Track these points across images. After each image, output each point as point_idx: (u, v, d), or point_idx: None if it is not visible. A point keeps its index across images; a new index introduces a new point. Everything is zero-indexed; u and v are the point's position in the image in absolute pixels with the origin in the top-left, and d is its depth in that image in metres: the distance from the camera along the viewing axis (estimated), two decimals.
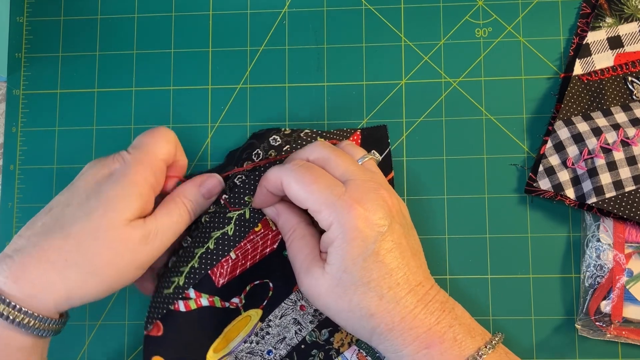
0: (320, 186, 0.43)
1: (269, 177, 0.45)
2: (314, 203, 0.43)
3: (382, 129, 0.53)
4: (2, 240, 0.55)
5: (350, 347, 0.51)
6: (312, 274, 0.44)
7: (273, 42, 0.56)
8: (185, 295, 0.47)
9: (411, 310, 0.42)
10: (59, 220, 0.42)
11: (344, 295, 0.42)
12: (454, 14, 0.56)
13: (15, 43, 0.57)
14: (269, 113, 0.55)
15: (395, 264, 0.42)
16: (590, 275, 0.51)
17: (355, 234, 0.42)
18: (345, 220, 0.42)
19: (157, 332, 0.48)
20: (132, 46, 0.57)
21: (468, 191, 0.54)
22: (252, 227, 0.49)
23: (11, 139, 0.56)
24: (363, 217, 0.42)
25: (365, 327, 0.43)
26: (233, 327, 0.50)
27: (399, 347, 0.42)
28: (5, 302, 0.40)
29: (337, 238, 0.42)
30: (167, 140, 0.47)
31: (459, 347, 0.42)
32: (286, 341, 0.51)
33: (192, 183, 0.48)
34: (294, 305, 0.51)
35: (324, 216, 0.43)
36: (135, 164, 0.45)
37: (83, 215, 0.42)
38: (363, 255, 0.42)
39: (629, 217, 0.50)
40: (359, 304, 0.42)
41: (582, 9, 0.55)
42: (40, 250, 0.41)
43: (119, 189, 0.43)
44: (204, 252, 0.48)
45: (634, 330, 0.50)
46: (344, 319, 0.44)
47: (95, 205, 0.43)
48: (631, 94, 0.53)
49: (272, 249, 0.51)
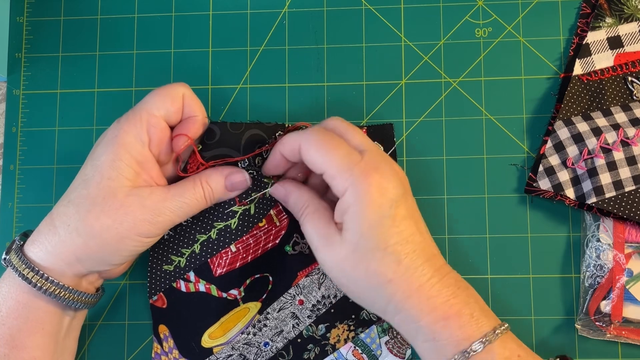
0: (339, 152, 0.43)
1: (285, 141, 0.45)
2: (331, 167, 0.43)
3: (388, 128, 0.53)
4: (2, 240, 0.55)
5: (346, 344, 0.51)
6: (330, 243, 0.43)
7: (273, 42, 0.56)
8: (186, 277, 0.49)
9: (428, 279, 0.43)
10: (68, 188, 0.45)
11: (361, 261, 0.42)
12: (454, 14, 0.56)
13: (15, 43, 0.57)
14: (269, 113, 0.55)
15: (410, 231, 0.43)
16: (590, 275, 0.51)
17: (372, 199, 0.42)
18: (362, 186, 0.42)
19: (162, 304, 0.50)
20: (132, 46, 0.57)
21: (468, 191, 0.54)
22: (256, 223, 0.50)
23: (11, 139, 0.56)
24: (379, 183, 0.42)
25: (382, 295, 0.43)
26: (231, 318, 0.51)
27: (416, 317, 0.42)
28: (30, 267, 0.43)
29: (354, 203, 0.42)
30: (167, 95, 0.45)
31: (476, 323, 0.42)
32: (283, 334, 0.51)
33: (219, 171, 0.47)
34: (292, 299, 0.51)
35: (340, 181, 0.43)
36: (126, 123, 0.44)
37: (82, 182, 0.44)
38: (380, 220, 0.42)
39: (629, 217, 0.50)
40: (377, 270, 0.42)
41: (582, 9, 0.55)
42: (49, 217, 0.45)
43: (110, 152, 0.44)
44: (206, 240, 0.49)
45: (634, 330, 0.50)
46: (360, 288, 0.43)
47: (90, 173, 0.44)
48: (631, 94, 0.53)
49: (274, 244, 0.51)
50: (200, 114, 0.46)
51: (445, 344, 0.42)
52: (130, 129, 0.44)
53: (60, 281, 0.44)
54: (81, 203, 0.43)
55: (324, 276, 0.52)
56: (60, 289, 0.44)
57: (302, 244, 0.52)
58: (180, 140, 0.46)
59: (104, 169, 0.43)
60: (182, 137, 0.46)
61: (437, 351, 0.42)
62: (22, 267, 0.43)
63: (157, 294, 0.50)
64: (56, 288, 0.44)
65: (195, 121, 0.46)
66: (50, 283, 0.43)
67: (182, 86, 0.46)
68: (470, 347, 0.41)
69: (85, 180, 0.44)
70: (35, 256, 0.44)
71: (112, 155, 0.43)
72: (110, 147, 0.44)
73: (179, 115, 0.46)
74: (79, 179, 0.45)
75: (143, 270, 0.53)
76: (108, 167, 0.43)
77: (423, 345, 0.43)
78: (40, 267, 0.43)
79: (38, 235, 0.44)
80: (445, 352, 0.42)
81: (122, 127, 0.44)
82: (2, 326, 0.43)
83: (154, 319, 0.51)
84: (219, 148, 0.47)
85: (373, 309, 0.45)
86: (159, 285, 0.50)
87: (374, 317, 0.52)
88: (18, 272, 0.43)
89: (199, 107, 0.47)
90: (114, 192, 0.43)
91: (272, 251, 0.51)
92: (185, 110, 0.46)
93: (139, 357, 0.53)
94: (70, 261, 0.44)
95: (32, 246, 0.44)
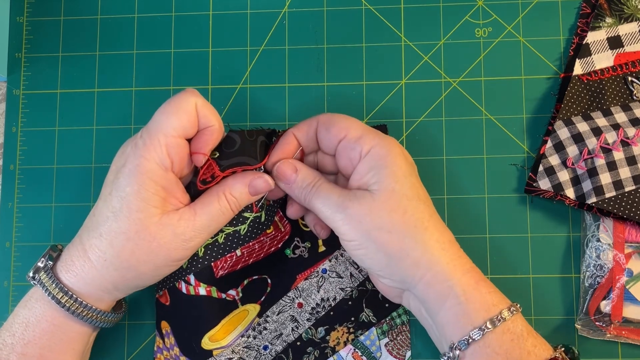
0: (358, 121, 0.47)
1: (300, 124, 0.48)
2: (357, 129, 0.45)
3: (381, 129, 0.53)
4: (2, 240, 0.55)
5: (345, 347, 0.51)
6: (357, 198, 0.44)
7: (273, 42, 0.56)
8: (187, 279, 0.49)
9: (454, 241, 0.45)
10: (95, 217, 0.44)
11: (399, 206, 0.43)
12: (454, 14, 0.56)
13: (15, 43, 0.57)
14: (269, 113, 0.55)
15: (427, 195, 0.46)
16: (590, 275, 0.51)
17: (400, 152, 0.45)
18: (390, 141, 0.45)
19: (165, 301, 0.50)
20: (132, 46, 0.57)
21: (468, 191, 0.54)
22: (264, 230, 0.49)
23: (11, 139, 0.56)
24: (400, 146, 0.46)
25: (419, 242, 0.43)
26: (230, 320, 0.51)
27: (450, 274, 0.43)
28: (68, 294, 0.43)
29: (387, 154, 0.44)
30: (180, 111, 0.43)
31: (499, 293, 0.43)
32: (282, 337, 0.51)
33: (241, 180, 0.45)
34: (291, 302, 0.51)
35: (368, 139, 0.45)
36: (145, 149, 0.43)
37: (111, 215, 0.43)
38: (410, 170, 0.45)
39: (629, 217, 0.50)
40: (414, 214, 0.43)
41: (582, 9, 0.55)
42: (82, 247, 0.44)
43: (134, 183, 0.42)
44: (211, 244, 0.48)
45: (634, 330, 0.50)
46: (396, 236, 0.43)
47: (118, 206, 0.43)
48: (631, 94, 0.53)
49: (276, 248, 0.51)
50: (216, 122, 0.45)
51: (477, 308, 0.42)
52: (151, 156, 0.42)
53: (97, 307, 0.45)
54: (114, 238, 0.43)
55: (323, 279, 0.52)
56: (97, 314, 0.45)
57: (302, 248, 0.52)
58: (199, 158, 0.45)
59: (132, 202, 0.42)
60: (200, 156, 0.45)
61: (467, 316, 0.42)
62: (57, 293, 0.43)
63: (162, 289, 0.50)
64: (93, 314, 0.44)
65: (213, 131, 0.45)
66: (88, 310, 0.44)
67: (193, 95, 0.44)
68: (500, 313, 0.42)
69: (114, 212, 0.43)
70: (70, 283, 0.44)
71: (136, 187, 0.42)
72: (134, 177, 0.42)
73: (195, 127, 0.44)
74: (107, 210, 0.43)
75: None
76: (135, 199, 0.42)
77: (452, 310, 0.42)
78: (76, 294, 0.44)
79: (72, 265, 0.44)
80: (476, 317, 0.42)
81: (142, 155, 0.43)
82: (34, 346, 0.44)
83: (158, 313, 0.51)
84: (237, 157, 0.46)
85: (404, 265, 0.43)
86: (165, 281, 0.50)
87: (373, 320, 0.52)
88: (52, 296, 0.43)
89: (214, 115, 0.45)
90: (145, 225, 0.42)
91: (273, 254, 0.51)
92: (200, 121, 0.44)
93: (139, 356, 0.53)
94: (109, 290, 0.44)
95: (67, 274, 0.44)
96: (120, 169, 0.43)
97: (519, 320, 0.43)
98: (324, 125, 0.46)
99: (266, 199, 0.49)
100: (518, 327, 0.42)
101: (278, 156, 0.47)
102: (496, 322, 0.41)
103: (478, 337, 0.41)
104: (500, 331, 0.41)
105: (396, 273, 0.44)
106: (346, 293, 0.52)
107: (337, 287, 0.52)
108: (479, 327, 0.41)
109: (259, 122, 0.55)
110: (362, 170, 0.45)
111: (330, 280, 0.52)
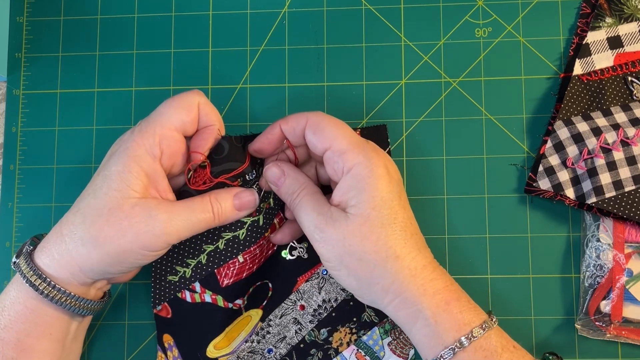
0: (347, 129, 0.45)
1: (290, 117, 0.46)
2: (342, 142, 0.44)
3: (381, 129, 0.53)
4: (2, 240, 0.55)
5: (349, 347, 0.51)
6: (334, 220, 0.43)
7: (273, 42, 0.56)
8: (192, 288, 0.49)
9: (430, 261, 0.44)
10: (79, 196, 0.45)
11: (371, 234, 0.42)
12: (454, 14, 0.56)
13: (15, 43, 0.57)
14: (269, 113, 0.55)
15: (411, 215, 0.44)
16: (590, 275, 0.51)
17: (384, 172, 0.43)
18: (374, 160, 0.43)
19: (166, 314, 0.50)
20: (132, 46, 0.57)
21: (468, 191, 0.54)
22: (263, 233, 0.49)
23: (11, 139, 0.56)
24: (387, 161, 0.44)
25: (388, 272, 0.42)
26: (234, 327, 0.51)
27: (418, 298, 0.42)
28: (41, 277, 0.43)
29: (368, 176, 0.43)
30: (181, 106, 0.45)
31: (474, 310, 0.43)
32: (286, 340, 0.51)
33: (228, 191, 0.46)
34: (293, 305, 0.51)
35: (351, 156, 0.43)
36: (139, 136, 0.44)
37: (91, 192, 0.44)
38: (390, 195, 0.43)
39: (629, 217, 0.50)
40: (386, 242, 0.42)
41: (582, 9, 0.55)
42: (59, 225, 0.45)
43: (120, 164, 0.43)
44: (213, 251, 0.48)
45: (634, 330, 0.50)
46: (365, 264, 0.43)
47: (99, 183, 0.44)
48: (631, 94, 0.53)
49: (272, 250, 0.51)
50: (217, 122, 0.46)
51: (447, 328, 0.42)
52: (142, 142, 0.44)
53: (67, 289, 0.44)
54: (88, 213, 0.43)
55: (324, 280, 0.51)
56: (67, 297, 0.44)
57: (299, 249, 0.52)
58: (196, 157, 0.46)
59: (113, 180, 0.43)
60: (197, 155, 0.45)
61: (437, 337, 0.42)
62: (30, 274, 0.43)
63: (161, 304, 0.50)
64: (63, 296, 0.44)
65: (212, 131, 0.46)
66: (57, 291, 0.43)
67: (197, 95, 0.45)
68: (471, 332, 0.41)
69: (94, 189, 0.44)
70: (43, 264, 0.44)
71: (121, 167, 0.43)
72: (121, 158, 0.43)
73: (195, 125, 0.46)
74: (89, 188, 0.44)
75: (144, 270, 0.53)
76: (116, 179, 0.43)
77: (422, 331, 0.43)
78: (47, 275, 0.43)
79: (47, 242, 0.44)
80: (447, 337, 0.42)
81: (134, 140, 0.44)
82: (10, 330, 0.44)
83: (158, 328, 0.51)
84: (227, 163, 0.47)
85: (373, 290, 0.43)
86: (163, 295, 0.50)
87: (375, 319, 0.52)
88: (26, 278, 0.43)
89: (216, 116, 0.46)
90: (119, 203, 0.43)
91: (270, 258, 0.51)
92: (201, 119, 0.46)
93: (139, 357, 0.53)
94: (74, 271, 0.44)
95: (41, 253, 0.44)
96: (112, 152, 0.45)
97: (494, 336, 0.42)
98: (311, 128, 0.45)
99: (266, 201, 0.49)
100: (492, 344, 0.42)
101: (259, 144, 0.47)
102: (465, 342, 0.41)
103: (449, 357, 0.41)
104: (472, 349, 0.41)
105: (367, 295, 0.44)
106: (347, 293, 0.52)
107: (338, 288, 0.51)
108: (449, 347, 0.41)
109: (258, 122, 0.55)
110: (343, 187, 0.44)
111: (331, 282, 0.51)
